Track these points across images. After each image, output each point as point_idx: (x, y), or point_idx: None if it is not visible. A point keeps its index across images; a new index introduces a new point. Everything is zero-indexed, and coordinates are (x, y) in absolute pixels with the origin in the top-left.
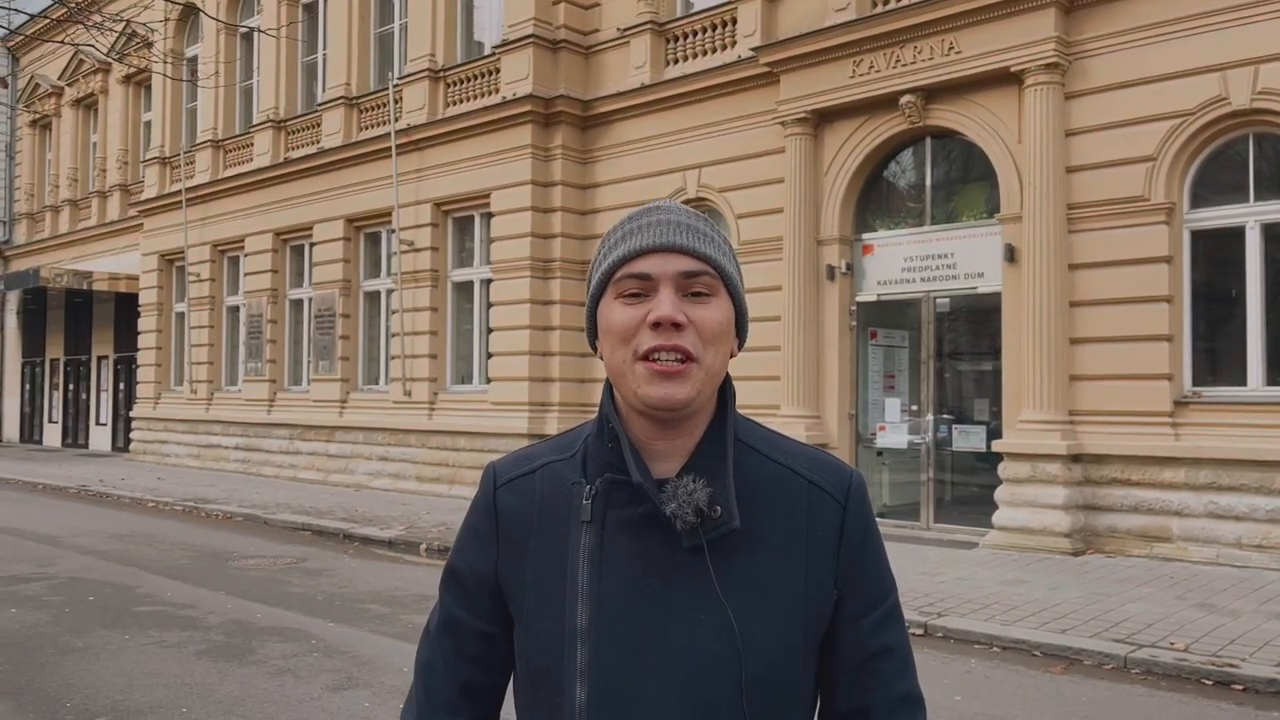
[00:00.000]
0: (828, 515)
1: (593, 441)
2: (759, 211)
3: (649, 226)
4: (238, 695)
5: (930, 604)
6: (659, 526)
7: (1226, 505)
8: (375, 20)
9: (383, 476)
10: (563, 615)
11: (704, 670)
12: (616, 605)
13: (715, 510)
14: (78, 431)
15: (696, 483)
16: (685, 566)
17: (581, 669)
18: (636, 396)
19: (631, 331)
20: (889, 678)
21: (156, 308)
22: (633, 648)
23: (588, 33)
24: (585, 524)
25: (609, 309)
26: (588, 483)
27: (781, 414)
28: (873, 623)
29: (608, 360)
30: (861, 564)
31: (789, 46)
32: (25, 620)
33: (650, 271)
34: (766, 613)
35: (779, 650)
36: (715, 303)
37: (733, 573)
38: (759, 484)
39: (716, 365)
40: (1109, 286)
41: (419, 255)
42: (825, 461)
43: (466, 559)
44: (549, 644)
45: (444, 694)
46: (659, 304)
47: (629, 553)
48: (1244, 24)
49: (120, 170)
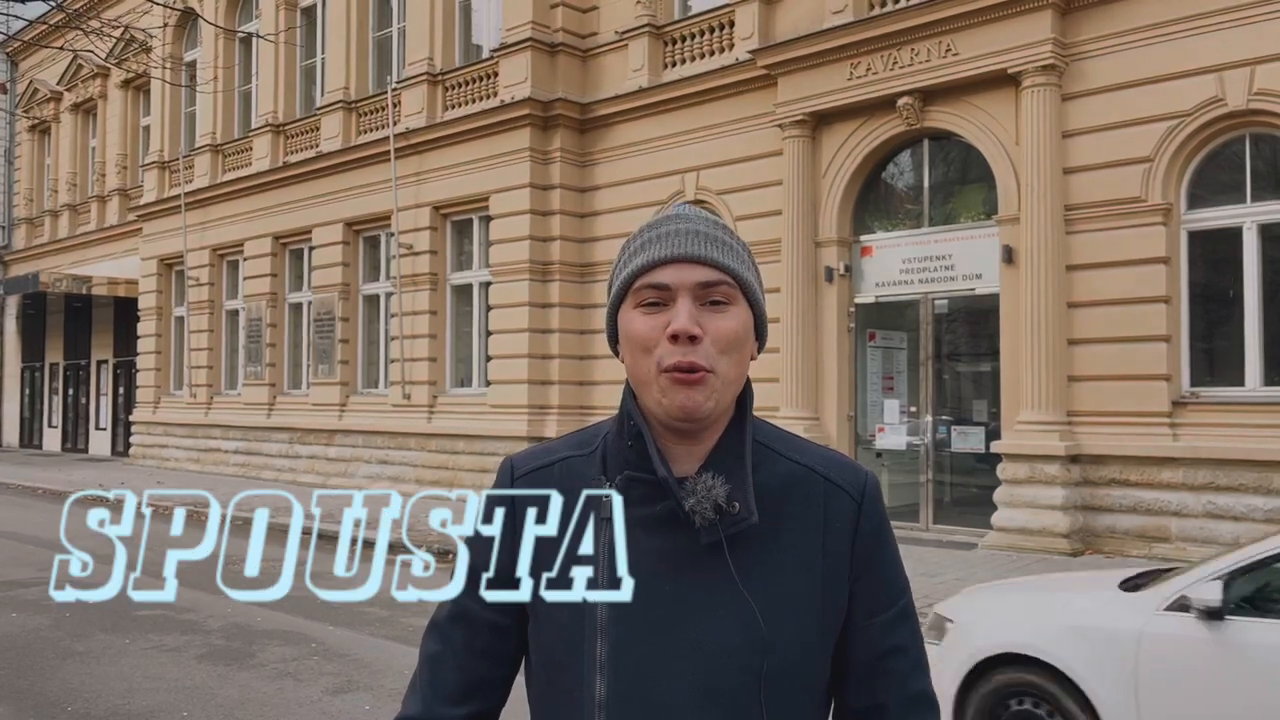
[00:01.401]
0: (843, 512)
1: (612, 439)
2: (757, 214)
3: (668, 236)
4: (238, 699)
5: (930, 605)
6: (678, 523)
7: (1225, 505)
8: (374, 24)
9: (382, 479)
10: (582, 609)
11: (722, 663)
12: (636, 599)
13: (734, 506)
14: (77, 436)
15: (715, 479)
16: (704, 562)
17: (601, 662)
18: (660, 406)
19: (652, 342)
20: (902, 677)
21: (156, 312)
22: (652, 641)
23: (586, 36)
24: (605, 520)
25: (629, 318)
26: (607, 480)
27: (780, 415)
28: (886, 621)
29: (630, 368)
30: (876, 562)
31: (787, 49)
32: (25, 624)
33: (668, 282)
34: (784, 607)
35: (796, 644)
36: (733, 311)
37: (751, 568)
38: (776, 482)
39: (734, 374)
40: (1107, 287)
41: (418, 258)
42: (841, 461)
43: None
44: (569, 637)
45: (450, 685)
46: (676, 316)
47: (648, 548)
48: (1241, 25)
49: (119, 175)
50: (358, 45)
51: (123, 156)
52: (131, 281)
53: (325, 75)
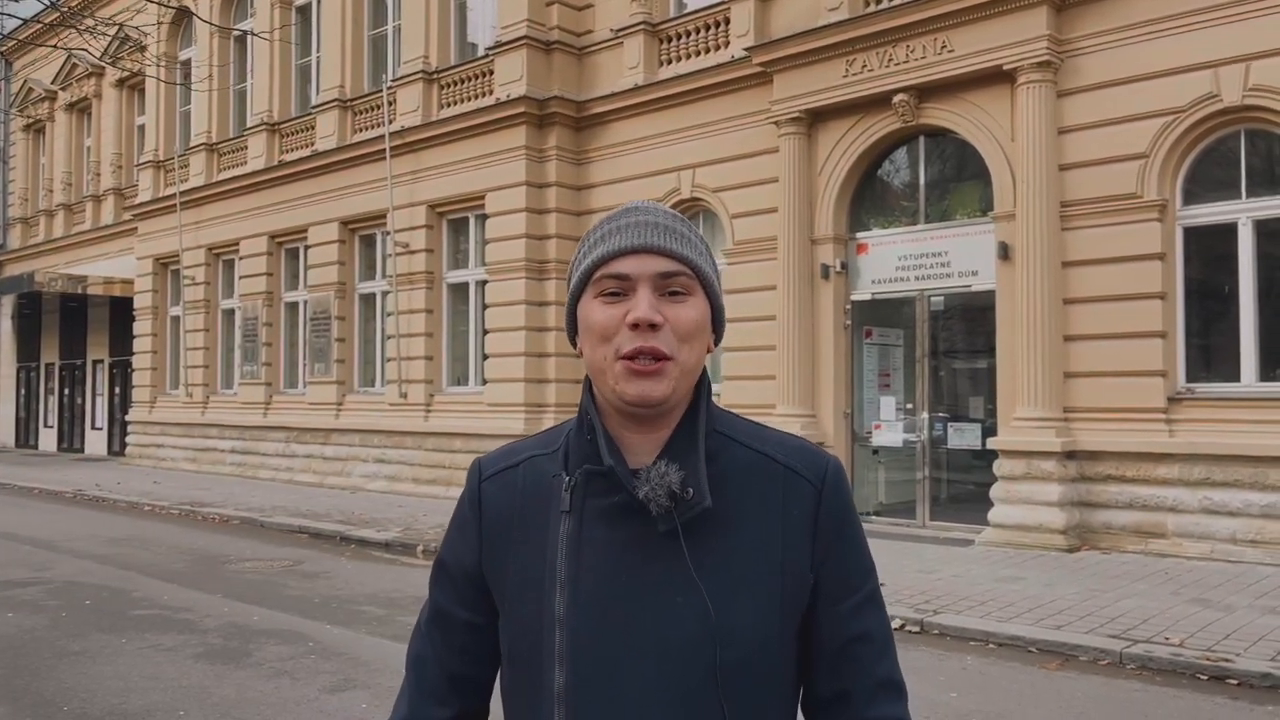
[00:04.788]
0: (804, 499)
1: (573, 436)
2: (753, 211)
3: (628, 228)
4: (235, 698)
5: (926, 601)
6: (635, 513)
7: (1221, 501)
8: (369, 22)
9: (379, 478)
10: (542, 602)
11: (680, 652)
12: (594, 591)
13: (688, 492)
14: (73, 436)
15: (669, 467)
16: (661, 551)
17: (560, 654)
18: (615, 393)
19: (611, 331)
20: (869, 663)
21: (151, 311)
22: (610, 632)
23: (581, 34)
24: (564, 513)
25: (589, 308)
26: (568, 475)
27: (777, 413)
28: (851, 607)
29: (588, 357)
30: (839, 548)
31: (782, 46)
32: (22, 624)
33: (628, 272)
34: (741, 595)
35: (754, 633)
36: (692, 301)
37: (707, 556)
38: (734, 469)
39: (692, 362)
40: (1102, 283)
41: (414, 257)
42: (802, 448)
43: (453, 552)
44: (529, 630)
45: (433, 685)
46: (636, 304)
47: (606, 540)
48: (1235, 21)
49: (114, 174)
50: (353, 43)
51: (118, 156)
52: (127, 281)
53: (320, 74)
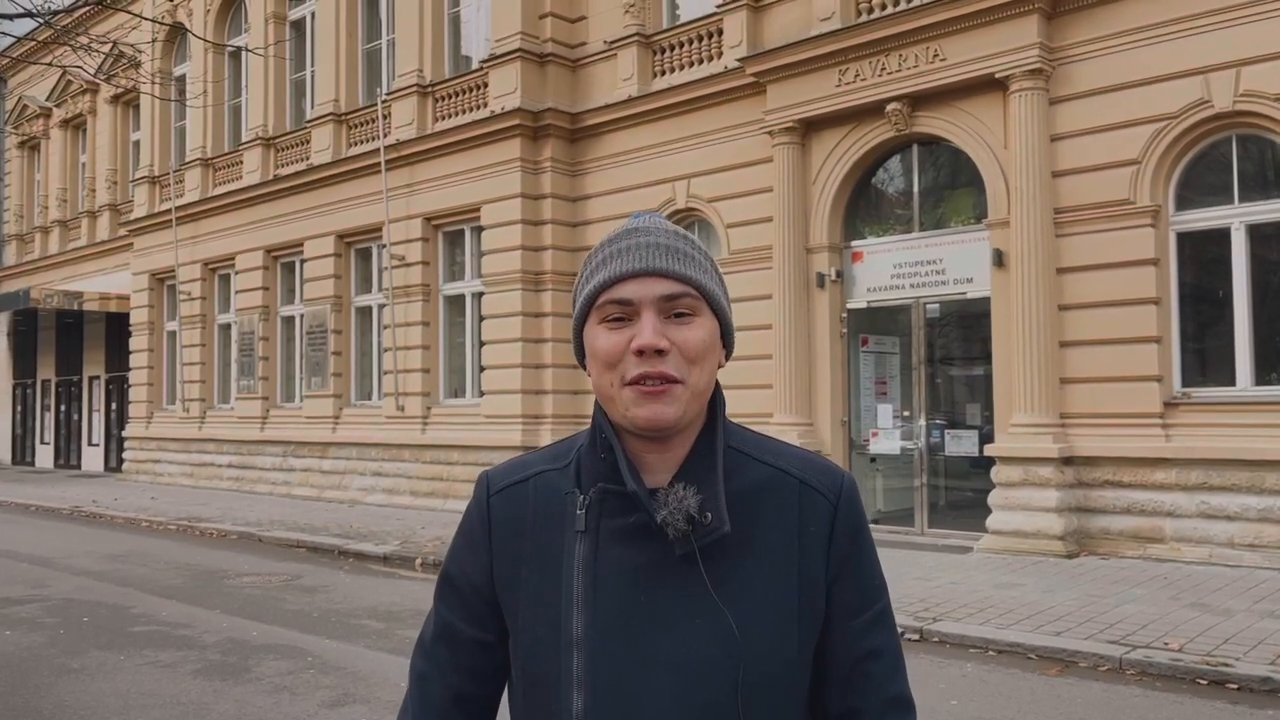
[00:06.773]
0: (819, 515)
1: (586, 452)
2: (748, 220)
3: (629, 250)
4: (234, 714)
5: (925, 609)
6: (652, 535)
7: (1218, 505)
8: (363, 36)
9: (377, 492)
10: (559, 623)
11: (700, 675)
12: (612, 613)
13: (706, 516)
14: (70, 452)
15: (687, 490)
16: (679, 573)
17: (579, 676)
18: (626, 419)
19: (616, 357)
20: (880, 680)
21: (148, 327)
22: (629, 654)
23: (575, 46)
24: (580, 533)
25: (593, 334)
26: (581, 493)
27: (774, 422)
28: (863, 625)
29: (596, 383)
30: (853, 564)
31: (775, 56)
32: (20, 642)
33: (631, 297)
34: (761, 615)
35: (775, 653)
36: (698, 322)
37: (726, 577)
38: (750, 487)
39: (702, 383)
40: (1097, 289)
41: (410, 270)
42: (817, 463)
43: (461, 566)
44: (546, 652)
45: (438, 703)
46: (641, 331)
47: (623, 561)
48: (1226, 27)
49: (109, 190)
50: (347, 57)
51: (113, 172)
52: (123, 297)
53: (315, 88)
